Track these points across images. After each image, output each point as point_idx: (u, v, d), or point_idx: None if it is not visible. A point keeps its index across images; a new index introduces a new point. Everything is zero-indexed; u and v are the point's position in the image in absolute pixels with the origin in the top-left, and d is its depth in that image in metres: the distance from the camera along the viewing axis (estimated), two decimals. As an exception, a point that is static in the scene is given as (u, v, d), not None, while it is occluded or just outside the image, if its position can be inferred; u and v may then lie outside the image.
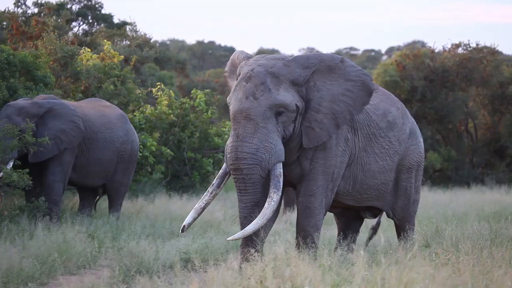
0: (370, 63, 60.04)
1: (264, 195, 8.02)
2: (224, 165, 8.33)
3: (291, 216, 14.46)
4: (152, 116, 18.15)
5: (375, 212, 9.61)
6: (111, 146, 13.24)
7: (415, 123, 9.88)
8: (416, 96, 25.67)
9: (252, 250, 7.50)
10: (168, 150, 17.48)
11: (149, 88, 21.02)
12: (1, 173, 11.26)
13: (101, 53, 18.61)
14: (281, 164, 7.99)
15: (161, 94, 18.78)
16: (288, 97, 8.01)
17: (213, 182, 8.40)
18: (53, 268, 8.94)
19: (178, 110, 18.75)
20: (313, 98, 8.25)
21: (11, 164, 11.62)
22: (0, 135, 11.39)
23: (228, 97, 8.24)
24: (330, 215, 15.18)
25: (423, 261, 6.20)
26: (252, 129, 7.88)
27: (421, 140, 9.81)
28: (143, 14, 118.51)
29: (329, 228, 11.79)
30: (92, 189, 13.60)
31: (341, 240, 9.35)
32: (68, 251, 9.47)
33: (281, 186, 7.94)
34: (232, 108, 8.05)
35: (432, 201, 17.18)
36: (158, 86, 19.05)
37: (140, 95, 18.42)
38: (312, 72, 8.26)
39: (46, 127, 12.24)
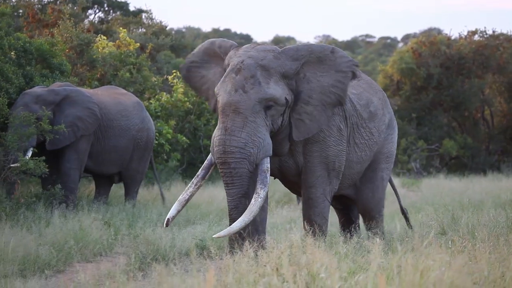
0: (386, 51, 59.89)
1: (252, 186, 7.89)
2: (209, 156, 8.14)
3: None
4: (168, 104, 18.20)
5: (342, 200, 9.54)
6: (127, 133, 13.29)
7: (393, 112, 9.78)
8: (432, 83, 25.64)
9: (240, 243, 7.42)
10: (184, 138, 17.53)
11: (165, 76, 21.08)
12: (18, 163, 11.33)
13: (117, 41, 18.68)
14: (268, 159, 7.84)
15: (177, 82, 18.82)
16: (278, 90, 7.82)
17: (198, 173, 8.18)
18: (70, 256, 8.98)
19: (194, 98, 18.79)
20: (303, 90, 8.08)
21: (30, 153, 11.69)
22: (17, 123, 11.45)
23: (216, 88, 8.00)
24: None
25: (439, 248, 6.13)
26: (241, 123, 7.68)
27: (397, 129, 9.74)
28: (158, 2, 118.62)
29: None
30: (108, 177, 13.68)
31: (354, 229, 9.28)
32: (84, 238, 9.53)
33: (268, 182, 7.79)
34: (221, 100, 7.82)
35: (448, 189, 17.17)
36: (174, 74, 19.10)
37: (156, 82, 18.47)
38: (302, 64, 8.06)
39: (63, 114, 12.30)
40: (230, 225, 7.76)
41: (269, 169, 7.80)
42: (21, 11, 22.67)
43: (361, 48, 69.87)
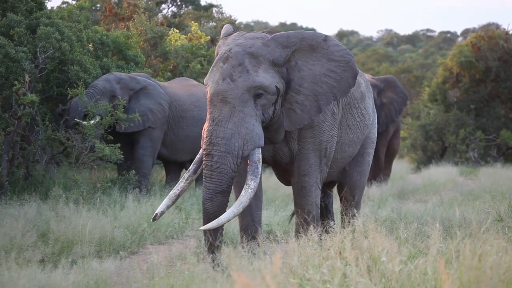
0: (446, 44, 59.37)
1: (234, 184, 7.75)
2: (201, 150, 7.58)
3: (369, 190, 14.38)
4: (237, 95, 18.41)
5: (325, 191, 9.34)
6: (199, 123, 13.60)
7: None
8: (490, 76, 25.53)
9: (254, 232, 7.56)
10: (252, 127, 17.71)
11: (234, 68, 21.27)
12: (95, 120, 11.85)
13: (189, 34, 18.99)
14: (260, 150, 7.34)
15: (245, 74, 19.03)
16: (267, 78, 7.34)
17: (189, 168, 7.75)
18: (143, 238, 9.28)
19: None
20: (293, 79, 7.63)
21: (94, 120, 12.04)
22: (94, 112, 11.85)
23: (205, 79, 7.58)
24: (407, 189, 15.18)
25: (496, 234, 6.18)
26: (228, 113, 7.22)
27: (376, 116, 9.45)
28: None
29: (405, 202, 11.85)
30: (180, 164, 14.03)
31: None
32: (157, 222, 9.55)
33: (259, 173, 7.32)
34: (209, 90, 7.40)
35: (505, 177, 16.91)
36: (242, 66, 19.30)
37: (225, 74, 18.69)
38: (292, 51, 7.60)
39: (138, 103, 12.74)
40: (203, 215, 7.44)
41: (260, 160, 7.39)
42: (98, 5, 23.18)
43: (422, 42, 69.30)
